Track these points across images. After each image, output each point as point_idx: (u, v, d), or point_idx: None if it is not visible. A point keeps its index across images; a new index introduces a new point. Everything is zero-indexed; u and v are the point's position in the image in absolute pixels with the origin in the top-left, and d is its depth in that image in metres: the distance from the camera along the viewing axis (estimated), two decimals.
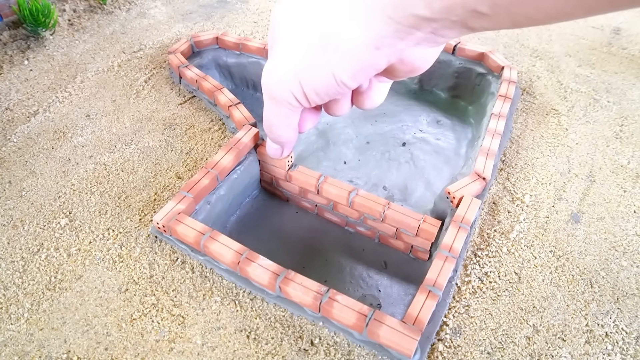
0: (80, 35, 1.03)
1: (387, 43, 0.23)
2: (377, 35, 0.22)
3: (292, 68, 0.26)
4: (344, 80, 0.25)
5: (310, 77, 0.25)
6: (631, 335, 0.55)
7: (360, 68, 0.24)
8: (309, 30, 0.24)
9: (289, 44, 0.26)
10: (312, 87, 0.26)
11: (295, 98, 0.27)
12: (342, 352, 0.52)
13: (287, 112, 0.29)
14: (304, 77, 0.25)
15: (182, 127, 0.81)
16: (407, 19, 0.21)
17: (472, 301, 0.57)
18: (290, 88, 0.26)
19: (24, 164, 0.74)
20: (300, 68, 0.25)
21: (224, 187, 0.67)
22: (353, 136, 0.91)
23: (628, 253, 0.64)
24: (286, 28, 0.26)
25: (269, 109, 0.30)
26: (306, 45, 0.25)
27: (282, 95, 0.27)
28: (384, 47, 0.23)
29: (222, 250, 0.56)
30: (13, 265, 0.60)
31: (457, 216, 0.60)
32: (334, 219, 0.74)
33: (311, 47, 0.24)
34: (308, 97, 0.26)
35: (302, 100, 0.27)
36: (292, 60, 0.26)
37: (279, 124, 0.30)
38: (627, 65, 1.01)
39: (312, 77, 0.25)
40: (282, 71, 0.26)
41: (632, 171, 0.76)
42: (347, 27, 0.23)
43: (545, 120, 0.86)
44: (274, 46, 0.28)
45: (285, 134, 0.31)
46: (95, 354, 0.51)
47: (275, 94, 0.28)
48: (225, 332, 0.53)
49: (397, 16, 0.21)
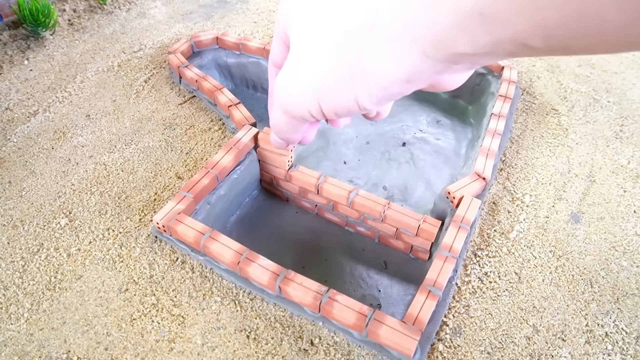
0: (80, 35, 1.03)
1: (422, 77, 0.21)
2: (412, 71, 0.20)
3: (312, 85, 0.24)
4: (367, 107, 0.23)
5: (331, 98, 0.23)
6: (631, 335, 0.55)
7: (387, 97, 0.22)
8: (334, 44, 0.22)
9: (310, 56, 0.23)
10: (332, 108, 0.24)
11: (311, 114, 0.25)
12: (342, 352, 0.52)
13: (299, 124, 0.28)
14: (324, 97, 0.24)
15: (182, 127, 0.81)
16: (446, 56, 0.19)
17: (472, 301, 0.57)
18: (307, 106, 0.25)
19: (24, 164, 0.74)
20: (321, 87, 0.23)
21: (224, 187, 0.67)
22: (353, 136, 0.91)
23: (628, 253, 0.64)
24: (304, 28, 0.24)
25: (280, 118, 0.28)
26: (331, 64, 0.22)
27: (298, 112, 0.26)
28: (417, 80, 0.21)
29: (222, 250, 0.56)
30: (13, 265, 0.60)
31: (457, 216, 0.60)
32: (334, 219, 0.74)
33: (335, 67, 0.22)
34: (325, 115, 0.25)
35: (317, 116, 0.25)
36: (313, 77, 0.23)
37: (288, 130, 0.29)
38: (627, 65, 1.01)
39: (333, 99, 0.23)
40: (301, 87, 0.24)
41: (632, 171, 0.76)
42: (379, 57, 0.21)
43: (545, 120, 0.86)
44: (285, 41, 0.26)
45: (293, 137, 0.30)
46: (95, 354, 0.51)
47: (291, 109, 0.26)
48: (225, 332, 0.53)
49: (435, 55, 0.19)
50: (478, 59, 0.19)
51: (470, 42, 0.18)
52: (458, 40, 0.18)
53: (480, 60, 0.19)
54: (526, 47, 0.17)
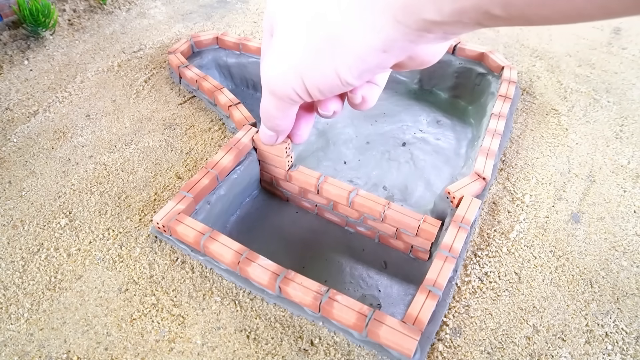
0: (80, 35, 1.03)
1: (397, 46, 0.22)
2: (386, 38, 0.21)
3: (294, 64, 0.25)
4: (349, 81, 0.24)
5: (313, 75, 0.25)
6: (631, 335, 0.55)
7: (367, 69, 0.23)
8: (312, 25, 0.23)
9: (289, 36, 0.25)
10: (315, 84, 0.25)
11: (297, 94, 0.26)
12: (342, 352, 0.52)
13: (287, 106, 0.28)
14: (307, 74, 0.25)
15: (182, 127, 0.81)
16: (416, 23, 0.20)
17: (472, 301, 0.57)
18: (292, 84, 0.26)
19: (24, 164, 0.74)
20: (303, 65, 0.24)
21: (224, 187, 0.67)
22: (353, 136, 0.91)
23: (628, 253, 0.64)
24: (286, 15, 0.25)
25: (268, 101, 0.29)
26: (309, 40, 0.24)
27: (283, 91, 0.27)
28: (392, 49, 0.22)
29: (222, 250, 0.56)
30: (13, 265, 0.60)
31: (457, 216, 0.60)
32: (334, 219, 0.74)
33: (315, 44, 0.23)
34: (310, 93, 0.26)
35: (303, 96, 0.26)
36: (293, 55, 0.25)
37: (277, 114, 0.30)
38: (627, 65, 1.01)
39: (315, 75, 0.24)
40: (283, 66, 0.25)
41: (632, 171, 0.76)
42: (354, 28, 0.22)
43: (545, 120, 0.86)
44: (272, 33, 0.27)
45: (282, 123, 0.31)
46: (95, 354, 0.51)
47: (276, 89, 0.27)
48: (225, 332, 0.53)
49: (406, 20, 0.20)
50: (448, 28, 0.20)
51: (437, 10, 0.19)
52: (425, 6, 0.19)
53: (450, 28, 0.20)
54: (490, 15, 0.18)
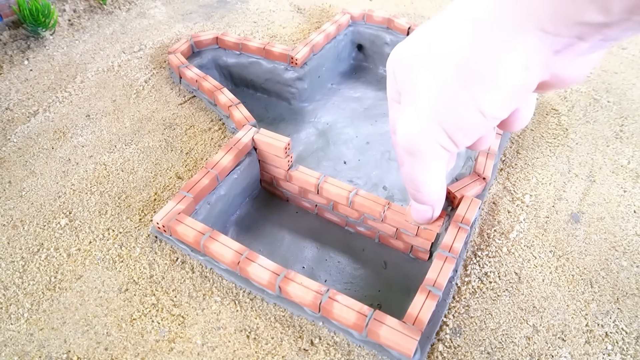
0: (80, 35, 1.03)
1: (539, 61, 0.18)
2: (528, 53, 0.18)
3: (430, 114, 0.22)
4: (494, 114, 0.21)
5: (453, 119, 0.22)
6: (631, 335, 0.55)
7: (510, 95, 0.20)
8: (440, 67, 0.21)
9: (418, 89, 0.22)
10: (458, 129, 0.22)
11: (442, 146, 0.23)
12: (342, 352, 0.52)
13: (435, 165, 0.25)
14: (446, 120, 0.22)
15: (182, 127, 0.81)
16: (571, 29, 0.16)
17: (472, 301, 0.57)
18: (433, 137, 0.23)
19: (24, 164, 0.74)
20: (439, 113, 0.22)
21: (224, 187, 0.67)
22: (353, 136, 0.91)
23: (628, 253, 0.64)
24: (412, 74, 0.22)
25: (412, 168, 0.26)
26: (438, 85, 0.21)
27: (427, 149, 0.24)
28: (535, 65, 0.19)
29: (222, 250, 0.56)
30: (13, 265, 0.60)
31: (457, 216, 0.60)
32: (334, 219, 0.74)
33: (447, 85, 0.21)
34: (456, 142, 0.23)
35: (449, 147, 0.23)
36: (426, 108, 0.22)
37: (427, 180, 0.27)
38: (627, 65, 1.01)
39: (455, 119, 0.22)
40: (419, 124, 0.23)
41: (632, 171, 0.76)
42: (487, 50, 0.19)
43: (545, 120, 0.86)
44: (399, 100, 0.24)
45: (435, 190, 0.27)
46: (95, 354, 0.51)
47: (419, 148, 0.24)
48: (225, 332, 0.53)
49: (556, 29, 0.17)
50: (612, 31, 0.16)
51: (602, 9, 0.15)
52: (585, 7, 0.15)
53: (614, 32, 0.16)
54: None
